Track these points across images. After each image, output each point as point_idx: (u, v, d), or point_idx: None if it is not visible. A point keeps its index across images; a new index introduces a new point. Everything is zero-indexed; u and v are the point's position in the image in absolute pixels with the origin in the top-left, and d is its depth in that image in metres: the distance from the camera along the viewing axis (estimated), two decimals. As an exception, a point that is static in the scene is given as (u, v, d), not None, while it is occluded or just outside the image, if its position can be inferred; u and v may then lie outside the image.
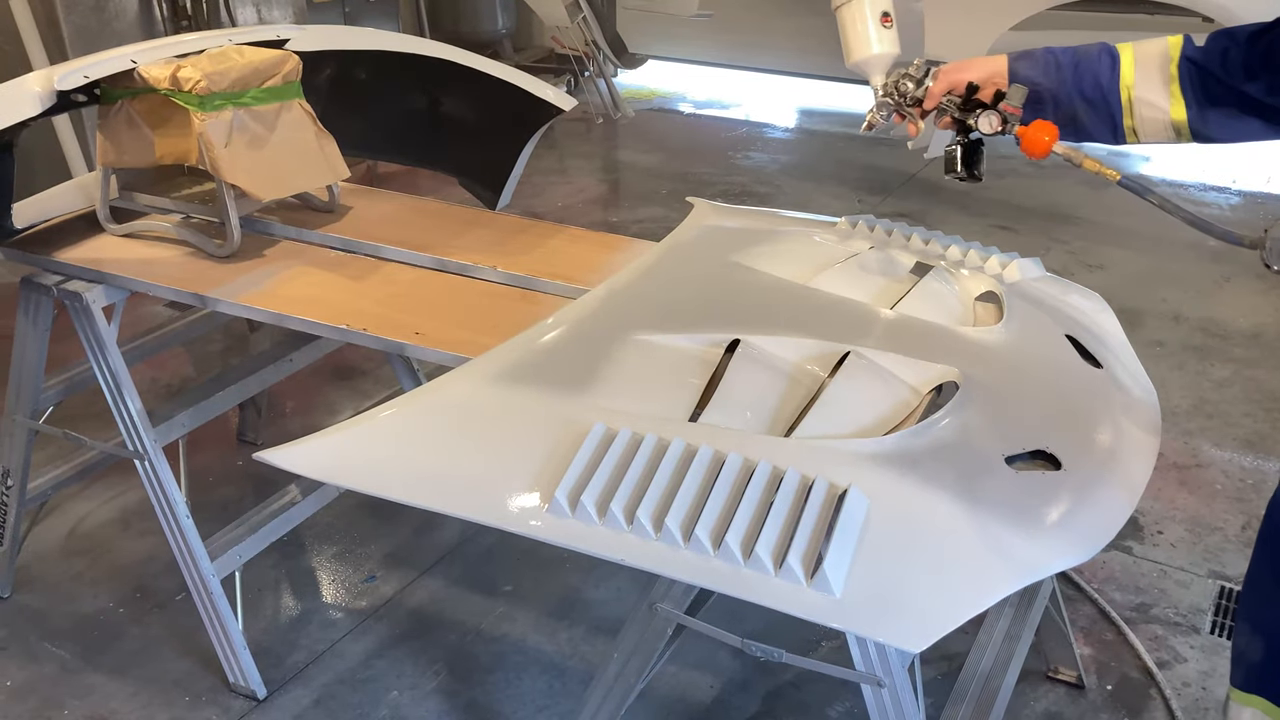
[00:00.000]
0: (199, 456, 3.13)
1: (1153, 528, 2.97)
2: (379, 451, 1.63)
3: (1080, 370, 1.87)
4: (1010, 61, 1.71)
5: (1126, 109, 1.66)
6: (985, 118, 1.63)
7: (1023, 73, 1.70)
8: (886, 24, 1.71)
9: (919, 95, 1.69)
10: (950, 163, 1.70)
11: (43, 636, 2.65)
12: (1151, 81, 1.63)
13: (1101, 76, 1.66)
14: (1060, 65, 1.68)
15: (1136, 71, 1.64)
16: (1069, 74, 1.67)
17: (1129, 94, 1.65)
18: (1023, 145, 1.62)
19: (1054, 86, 1.68)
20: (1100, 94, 1.66)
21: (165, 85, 2.18)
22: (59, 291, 2.26)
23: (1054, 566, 1.52)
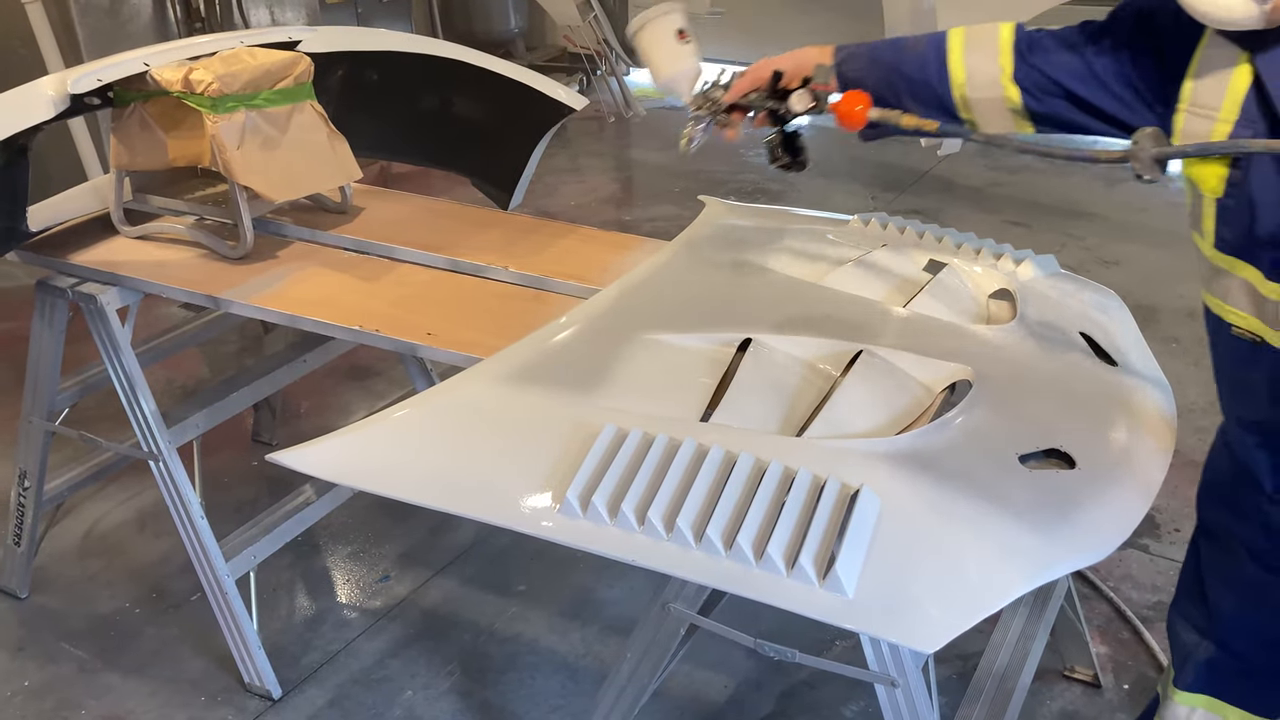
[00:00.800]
0: (214, 457, 3.15)
1: (1169, 525, 2.95)
2: (391, 452, 1.64)
3: (1095, 368, 1.86)
4: (835, 65, 1.67)
5: (962, 106, 1.62)
6: (798, 97, 1.60)
7: (850, 75, 1.65)
8: (684, 40, 1.71)
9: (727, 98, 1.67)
10: (772, 152, 1.67)
11: (60, 637, 2.66)
12: (983, 77, 1.59)
13: (931, 78, 1.62)
14: (886, 66, 1.63)
15: (967, 70, 1.60)
16: (897, 77, 1.63)
17: (961, 93, 1.61)
18: (839, 120, 1.56)
19: (882, 90, 1.63)
20: (933, 96, 1.62)
21: (178, 88, 2.19)
22: (74, 294, 2.27)
23: (1069, 566, 1.51)
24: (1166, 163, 1.33)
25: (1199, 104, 1.39)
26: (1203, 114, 1.39)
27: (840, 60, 1.68)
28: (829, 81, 1.61)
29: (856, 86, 1.62)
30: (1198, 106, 1.39)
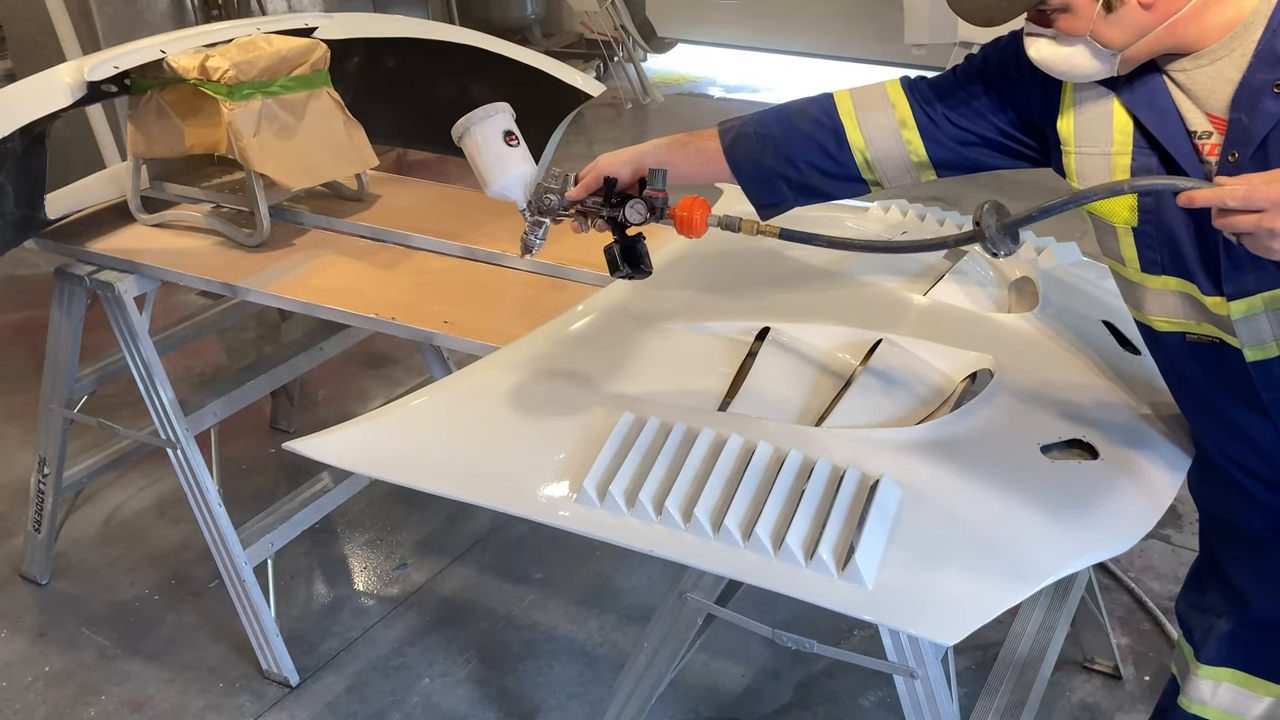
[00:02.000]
0: (232, 445, 3.15)
1: (1191, 516, 2.92)
2: (408, 441, 1.63)
3: (1117, 356, 1.83)
4: (725, 150, 1.63)
5: (866, 166, 1.60)
6: (632, 208, 1.53)
7: (743, 159, 1.62)
8: (512, 143, 1.59)
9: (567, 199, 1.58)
10: (611, 264, 1.58)
11: (81, 623, 2.68)
12: (883, 136, 1.58)
13: (828, 146, 1.59)
14: (778, 142, 1.60)
15: (865, 133, 1.58)
16: (793, 151, 1.60)
17: (864, 157, 1.59)
18: (678, 227, 1.52)
19: (778, 165, 1.61)
20: (832, 162, 1.60)
21: (194, 75, 2.19)
22: (92, 281, 2.28)
23: (1090, 558, 1.49)
24: (1017, 231, 1.35)
25: (1086, 144, 1.42)
26: (1094, 153, 1.41)
27: (728, 145, 1.64)
28: (664, 187, 1.54)
29: (752, 169, 1.61)
30: (1086, 146, 1.42)
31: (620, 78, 6.90)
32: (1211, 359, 1.48)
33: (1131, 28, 1.30)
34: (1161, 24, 1.29)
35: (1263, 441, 1.51)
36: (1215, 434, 1.58)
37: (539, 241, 1.61)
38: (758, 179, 1.64)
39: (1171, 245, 1.41)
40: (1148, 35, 1.30)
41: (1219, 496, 1.65)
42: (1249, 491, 1.58)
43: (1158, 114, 1.35)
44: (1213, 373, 1.51)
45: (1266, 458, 1.53)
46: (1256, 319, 1.39)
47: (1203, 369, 1.52)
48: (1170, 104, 1.35)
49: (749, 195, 1.66)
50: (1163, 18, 1.28)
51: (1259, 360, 1.42)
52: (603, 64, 7.02)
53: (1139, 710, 2.34)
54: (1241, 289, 1.37)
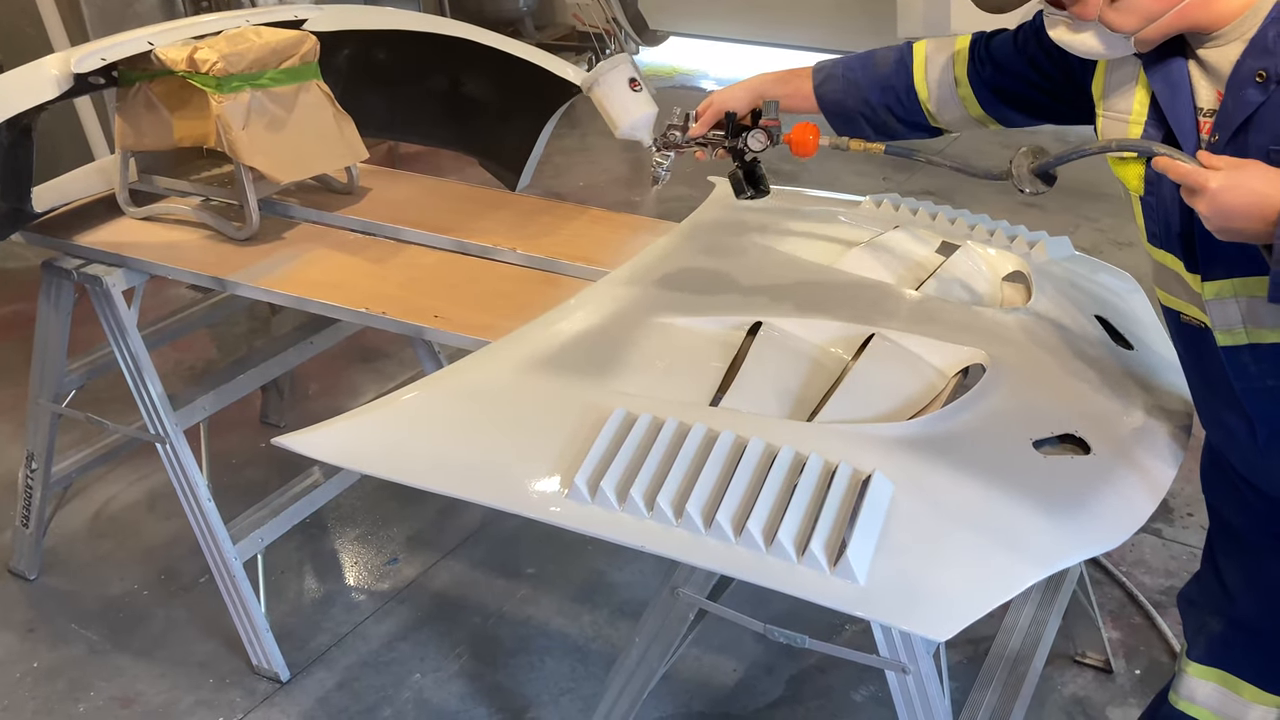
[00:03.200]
0: (222, 439, 3.14)
1: (1183, 510, 2.92)
2: (398, 436, 1.62)
3: (1110, 351, 1.83)
4: (814, 88, 1.81)
5: (931, 116, 1.75)
6: (753, 137, 1.73)
7: (828, 96, 1.79)
8: (636, 89, 1.79)
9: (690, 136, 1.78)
10: (737, 188, 1.79)
11: (70, 618, 2.67)
12: (943, 91, 1.72)
13: (900, 92, 1.75)
14: (861, 87, 1.77)
15: (929, 86, 1.73)
16: (870, 94, 1.76)
17: (928, 108, 1.74)
18: (793, 150, 1.72)
19: (859, 106, 1.78)
20: (903, 109, 1.75)
21: (182, 67, 2.17)
22: (79, 275, 2.26)
23: (1082, 554, 1.49)
24: (1049, 175, 1.53)
25: (1112, 109, 1.49)
26: (1117, 118, 1.48)
27: (818, 83, 1.81)
28: (777, 116, 1.74)
29: (836, 107, 1.80)
30: (1112, 111, 1.49)
31: (612, 71, 6.87)
32: (1198, 343, 1.51)
33: (1139, 13, 1.32)
34: (1171, 10, 1.31)
35: (1239, 433, 1.52)
36: (1206, 418, 1.61)
37: (665, 174, 1.83)
38: (841, 116, 1.80)
39: (1165, 219, 1.44)
40: (1158, 20, 1.33)
41: (1215, 486, 1.68)
42: (1235, 484, 1.59)
43: (1170, 88, 1.39)
44: (1199, 358, 1.53)
45: (1243, 451, 1.54)
46: (1227, 303, 1.41)
47: (1193, 354, 1.55)
48: (1185, 79, 1.38)
49: (835, 129, 1.81)
50: (1171, 4, 1.31)
51: (1229, 346, 1.45)
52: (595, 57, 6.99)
53: (1130, 704, 2.34)
54: (1214, 270, 1.40)
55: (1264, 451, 1.50)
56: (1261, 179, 1.22)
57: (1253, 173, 1.23)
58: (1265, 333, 1.41)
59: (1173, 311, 1.54)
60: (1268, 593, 1.65)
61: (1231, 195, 1.23)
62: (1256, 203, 1.21)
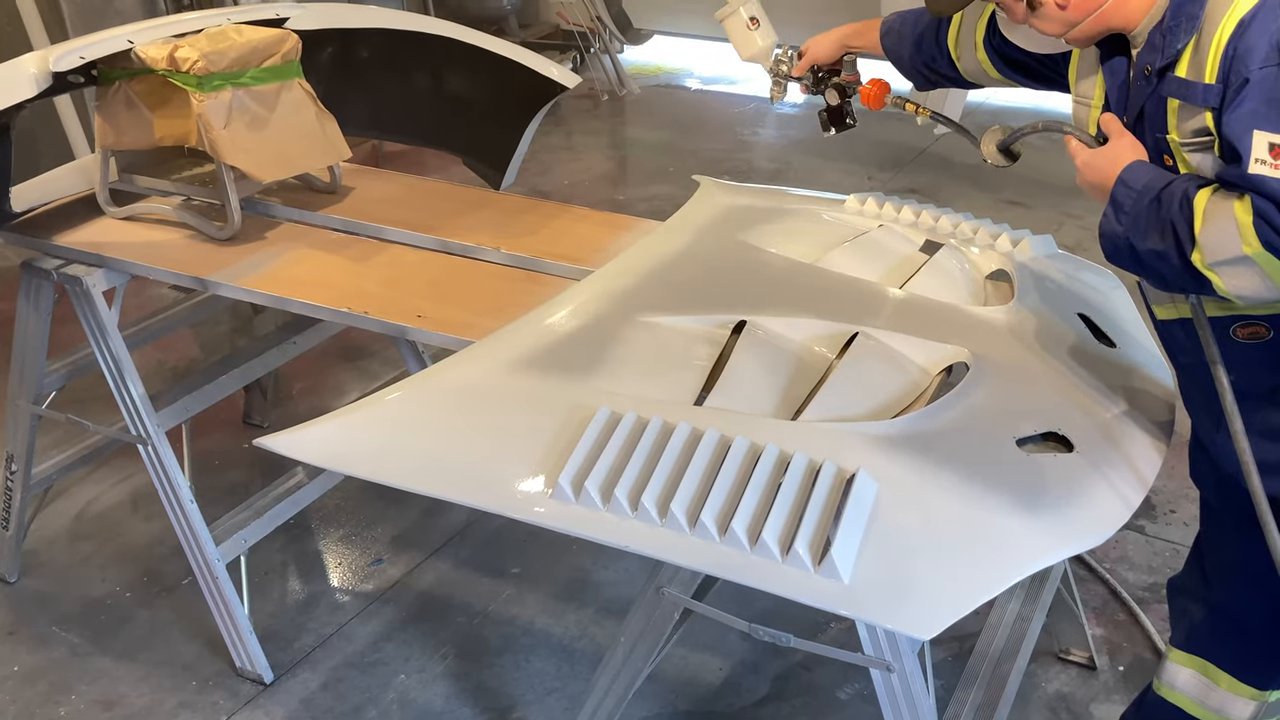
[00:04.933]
0: (205, 440, 3.12)
1: (1165, 507, 2.94)
2: (381, 437, 1.62)
3: (1093, 349, 1.84)
4: (880, 38, 2.03)
5: (964, 73, 1.94)
6: (829, 93, 2.07)
7: (889, 47, 2.02)
8: (754, 26, 2.13)
9: (792, 72, 2.11)
10: (823, 124, 2.12)
11: (51, 621, 2.65)
12: (967, 55, 1.90)
13: (937, 48, 1.94)
14: (908, 38, 1.98)
15: (958, 48, 1.91)
16: (918, 49, 1.97)
17: (959, 66, 1.93)
18: (863, 100, 2.02)
19: (911, 58, 1.99)
20: (940, 62, 1.95)
21: (163, 66, 2.16)
22: (59, 275, 2.24)
23: (1066, 551, 1.50)
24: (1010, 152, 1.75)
25: (1080, 93, 1.62)
26: (1082, 101, 1.61)
27: (883, 34, 2.02)
28: (856, 72, 2.03)
29: (895, 57, 2.02)
30: (1079, 95, 1.62)
31: (597, 69, 6.86)
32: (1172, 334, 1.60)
33: (1057, 21, 1.48)
34: (1085, 18, 1.46)
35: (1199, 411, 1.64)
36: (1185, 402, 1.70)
37: (783, 95, 2.15)
38: (900, 64, 2.02)
39: None
40: (1078, 26, 1.48)
41: (1198, 468, 1.74)
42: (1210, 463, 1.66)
43: (1114, 78, 1.53)
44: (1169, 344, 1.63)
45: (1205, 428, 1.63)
46: None
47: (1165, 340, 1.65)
48: (1125, 70, 1.52)
49: (901, 74, 2.05)
50: (1083, 14, 1.46)
51: (1165, 320, 1.57)
52: (579, 55, 6.98)
53: (1114, 700, 2.35)
54: None
55: (1215, 426, 1.57)
56: (1105, 160, 1.47)
57: (1104, 153, 1.47)
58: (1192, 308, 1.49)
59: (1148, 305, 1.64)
60: (1245, 580, 1.67)
61: (1086, 172, 1.50)
62: (1098, 182, 1.47)
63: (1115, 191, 1.43)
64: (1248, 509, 1.54)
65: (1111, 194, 1.44)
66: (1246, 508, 1.55)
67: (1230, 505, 1.65)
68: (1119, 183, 1.43)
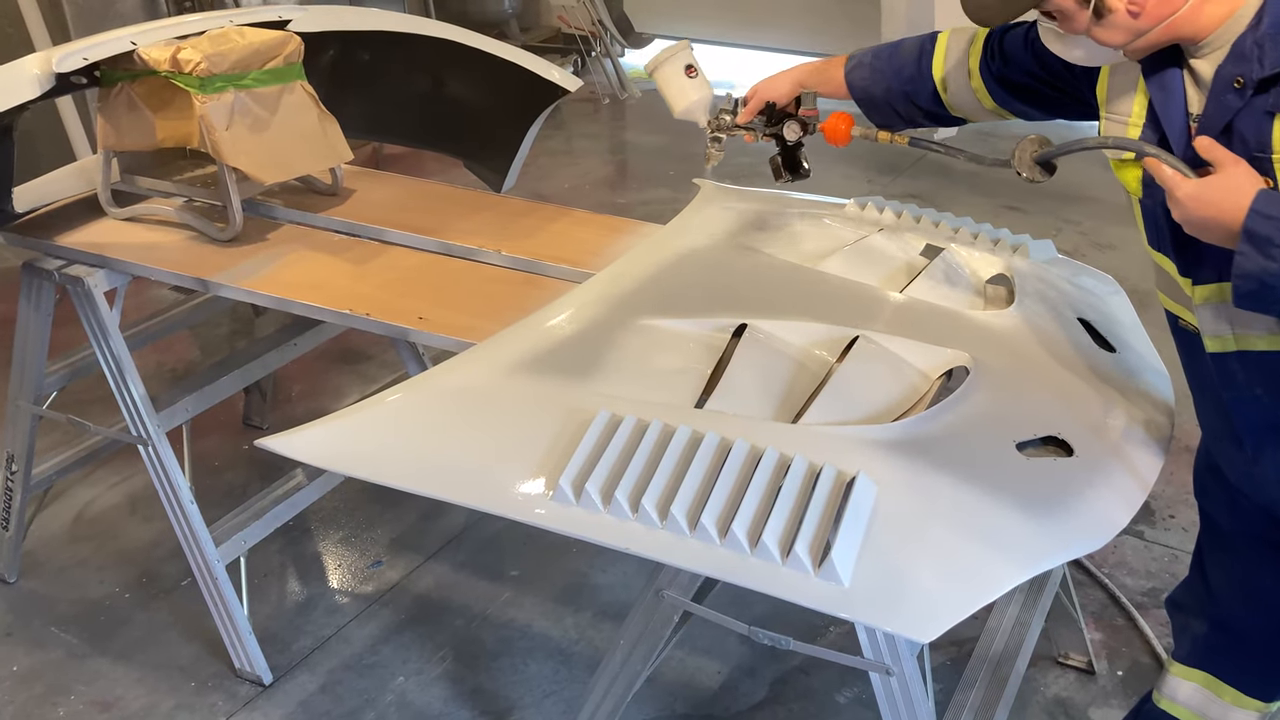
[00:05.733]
0: (204, 441, 3.12)
1: (1165, 511, 2.94)
2: (382, 439, 1.62)
3: (1092, 353, 1.84)
4: (845, 75, 1.88)
5: (948, 105, 1.82)
6: (789, 127, 1.89)
7: (857, 84, 1.87)
8: (692, 75, 1.96)
9: (736, 122, 1.95)
10: (775, 172, 1.96)
11: (49, 622, 2.64)
12: (958, 84, 1.78)
13: (920, 84, 1.81)
14: (884, 73, 1.85)
15: (946, 78, 1.79)
16: (893, 81, 1.84)
17: (946, 99, 1.81)
18: (827, 138, 1.85)
19: (885, 94, 1.85)
20: (923, 97, 1.82)
21: (165, 67, 2.16)
22: (60, 276, 2.24)
23: (1066, 555, 1.50)
24: (1050, 164, 1.57)
25: (1114, 111, 1.52)
26: (1118, 120, 1.51)
27: (849, 70, 1.88)
28: (815, 106, 1.88)
29: (864, 95, 1.87)
30: (1113, 113, 1.52)
31: (598, 73, 6.88)
32: (1191, 348, 1.52)
33: (1125, 30, 1.36)
34: (1156, 26, 1.35)
35: (1228, 440, 1.54)
36: (1204, 425, 1.63)
37: (718, 153, 1.99)
38: (868, 103, 1.89)
39: (1157, 222, 1.46)
40: (1145, 35, 1.36)
41: (1208, 489, 1.69)
42: (1228, 490, 1.60)
43: (1165, 93, 1.41)
44: (1194, 363, 1.54)
45: (1232, 459, 1.56)
46: (1216, 308, 1.42)
47: (1188, 358, 1.57)
48: (1179, 86, 1.40)
49: (867, 116, 1.90)
50: (1155, 20, 1.34)
51: (1218, 353, 1.46)
52: (580, 59, 6.99)
53: (1112, 705, 2.35)
54: (1203, 274, 1.42)
55: (1253, 459, 1.51)
56: (1223, 191, 1.28)
57: (1219, 184, 1.28)
58: (1253, 339, 1.41)
59: (1172, 315, 1.56)
60: (1251, 596, 1.66)
61: (1195, 206, 1.30)
62: (1216, 216, 1.28)
63: (1252, 225, 1.24)
64: (1263, 533, 1.54)
65: (1246, 229, 1.25)
66: (1262, 532, 1.55)
67: (1246, 530, 1.62)
68: (1254, 215, 1.24)
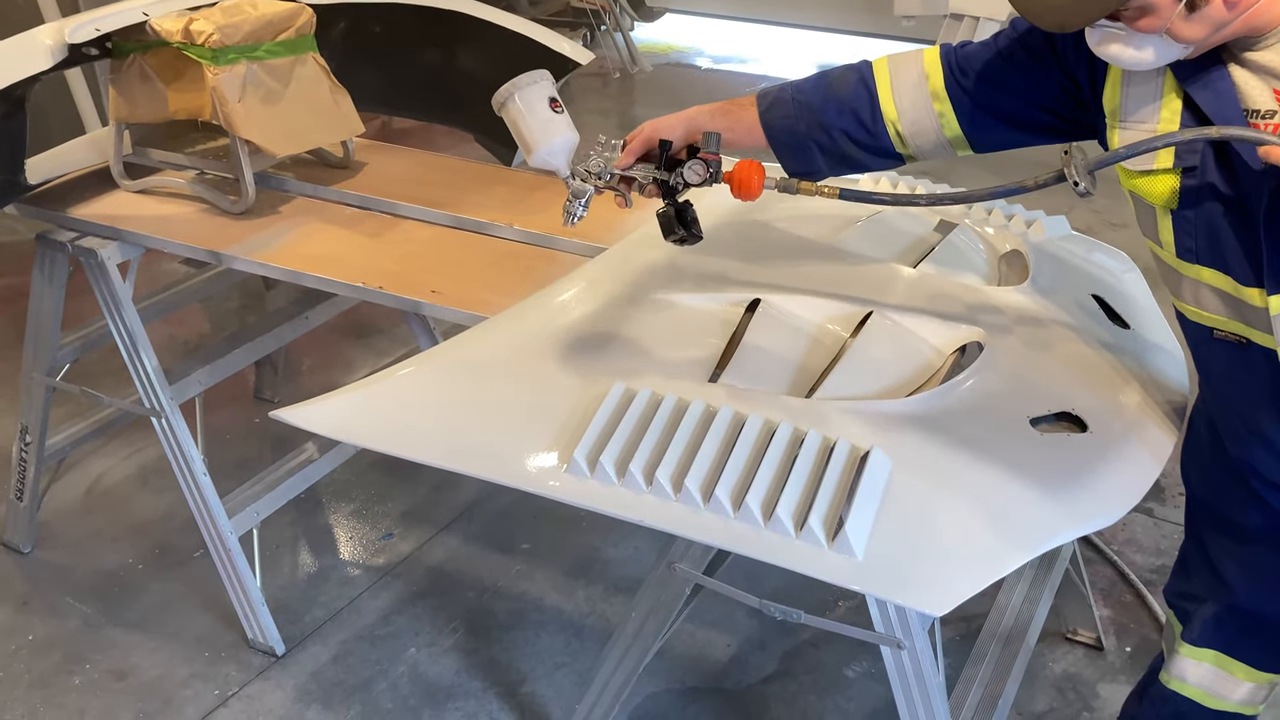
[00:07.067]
0: (216, 414, 3.13)
1: (1175, 489, 2.94)
2: (395, 411, 1.62)
3: (1107, 330, 1.84)
4: (760, 114, 1.62)
5: (899, 139, 1.58)
6: (690, 170, 1.53)
7: (777, 124, 1.60)
8: (556, 109, 1.55)
9: (613, 169, 1.57)
10: (666, 228, 1.59)
11: (65, 592, 2.67)
12: (916, 109, 1.56)
13: (863, 115, 1.57)
14: (815, 110, 1.59)
15: (898, 103, 1.57)
16: (827, 118, 1.59)
17: (896, 129, 1.58)
18: (734, 190, 1.54)
19: (814, 133, 1.59)
20: (866, 133, 1.58)
21: (178, 38, 2.15)
22: (74, 248, 2.25)
23: (1078, 530, 1.50)
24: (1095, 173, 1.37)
25: (1132, 119, 1.39)
26: (1140, 128, 1.38)
27: (764, 109, 1.62)
28: (718, 150, 1.55)
29: (786, 135, 1.60)
30: (1132, 121, 1.39)
31: (608, 47, 6.83)
32: (1235, 358, 1.45)
33: (1211, 23, 1.26)
34: (1241, 15, 1.26)
35: (1265, 441, 1.48)
36: (1233, 430, 1.55)
37: (582, 210, 1.58)
38: (792, 146, 1.61)
39: (1210, 233, 1.37)
40: (1225, 28, 1.27)
41: (1221, 487, 1.62)
42: (1254, 490, 1.56)
43: (1213, 93, 1.32)
44: (1235, 372, 1.47)
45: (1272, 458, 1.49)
46: None
47: (1225, 367, 1.49)
48: (1228, 83, 1.31)
49: (782, 163, 1.63)
50: (1244, 9, 1.25)
51: None
52: (590, 32, 6.95)
53: (1120, 681, 2.36)
54: None
55: None
56: None
57: None
58: None
59: (1201, 326, 1.47)
60: (1274, 583, 1.62)
61: None
62: None
63: None
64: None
65: None
66: None
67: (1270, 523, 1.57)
68: None
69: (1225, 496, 1.63)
